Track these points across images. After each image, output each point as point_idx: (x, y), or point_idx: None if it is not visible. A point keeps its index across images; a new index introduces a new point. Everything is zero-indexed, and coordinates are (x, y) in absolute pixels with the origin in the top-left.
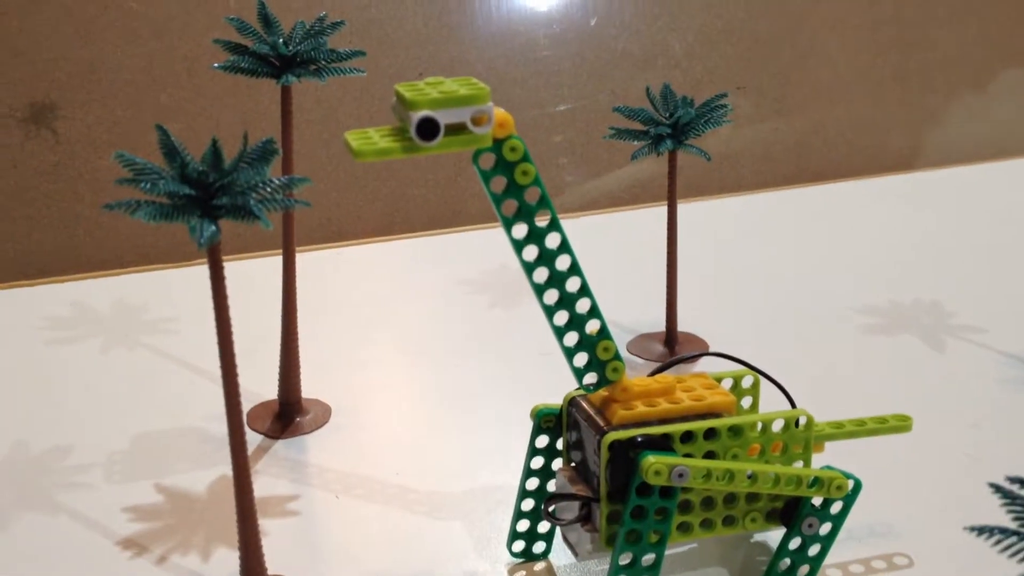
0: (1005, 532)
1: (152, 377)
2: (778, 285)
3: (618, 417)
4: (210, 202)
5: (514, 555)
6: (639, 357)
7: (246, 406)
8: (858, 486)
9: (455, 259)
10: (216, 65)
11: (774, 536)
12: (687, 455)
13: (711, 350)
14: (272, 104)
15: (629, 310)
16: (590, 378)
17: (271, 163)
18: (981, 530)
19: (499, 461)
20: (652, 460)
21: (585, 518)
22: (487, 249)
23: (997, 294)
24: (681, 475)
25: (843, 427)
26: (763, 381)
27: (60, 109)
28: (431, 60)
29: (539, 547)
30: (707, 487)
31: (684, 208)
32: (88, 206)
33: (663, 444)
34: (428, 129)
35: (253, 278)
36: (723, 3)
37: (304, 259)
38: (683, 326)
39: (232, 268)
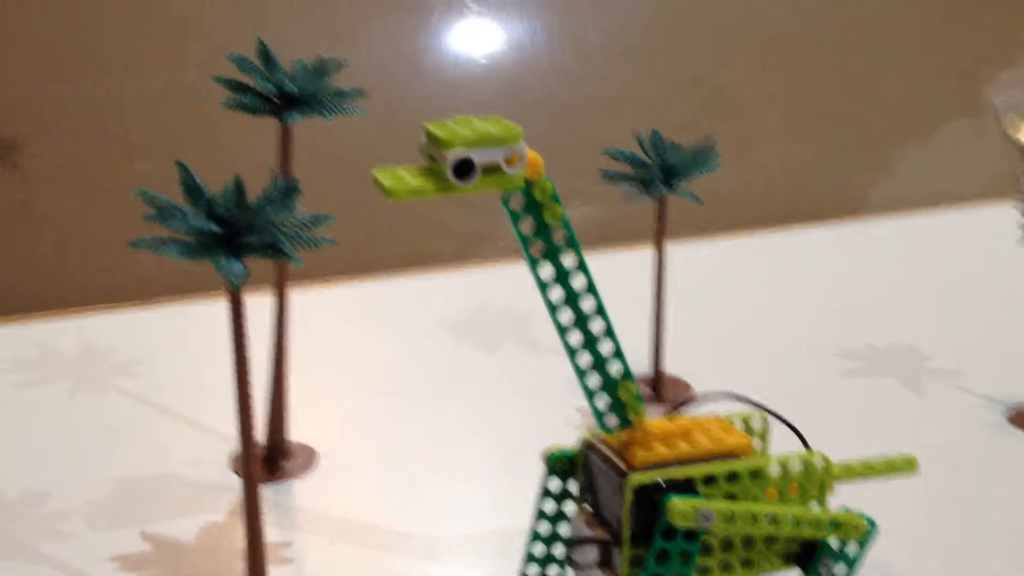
0: None
1: (126, 421)
2: (754, 329)
3: (639, 459)
4: (235, 240)
5: None
6: None
7: (228, 450)
8: (874, 527)
9: (432, 300)
10: (219, 103)
11: None
12: (708, 497)
13: (726, 391)
14: (247, 143)
15: None
16: (611, 420)
17: (294, 200)
18: None
19: (493, 505)
20: (679, 503)
21: (605, 562)
22: (464, 290)
23: (968, 338)
24: (707, 518)
25: (853, 469)
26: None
27: (28, 146)
28: (400, 101)
29: None
30: (731, 530)
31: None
32: (52, 245)
33: (686, 486)
34: (465, 169)
35: (224, 315)
36: (692, 52)
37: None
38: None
39: (209, 308)
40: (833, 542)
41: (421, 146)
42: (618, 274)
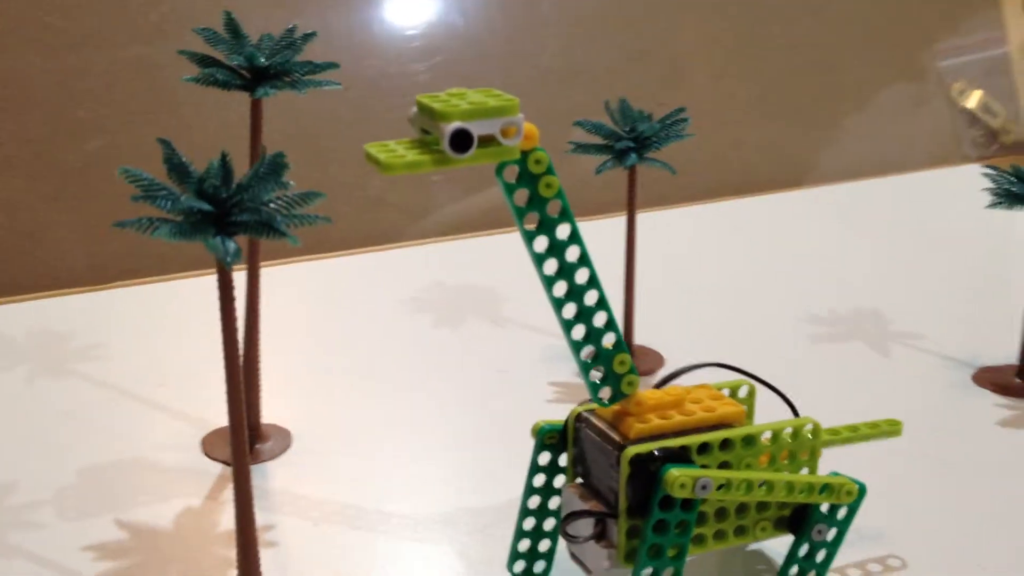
0: None
1: (89, 407)
2: (719, 297)
3: (635, 431)
4: (225, 219)
5: (515, 575)
6: (597, 370)
7: (199, 433)
8: (863, 490)
9: (383, 278)
10: (187, 77)
11: (767, 544)
12: (703, 466)
13: (712, 361)
14: (196, 118)
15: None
16: (605, 392)
17: (283, 177)
18: None
19: (474, 482)
20: (677, 473)
21: (600, 535)
22: (413, 267)
23: (929, 302)
24: (704, 487)
25: (839, 433)
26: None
27: None
28: (355, 77)
29: (539, 566)
30: (726, 498)
31: (610, 223)
32: (1, 228)
33: (682, 456)
34: (462, 141)
35: (183, 296)
36: (643, 23)
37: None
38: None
39: (162, 289)
40: (823, 506)
41: (411, 118)
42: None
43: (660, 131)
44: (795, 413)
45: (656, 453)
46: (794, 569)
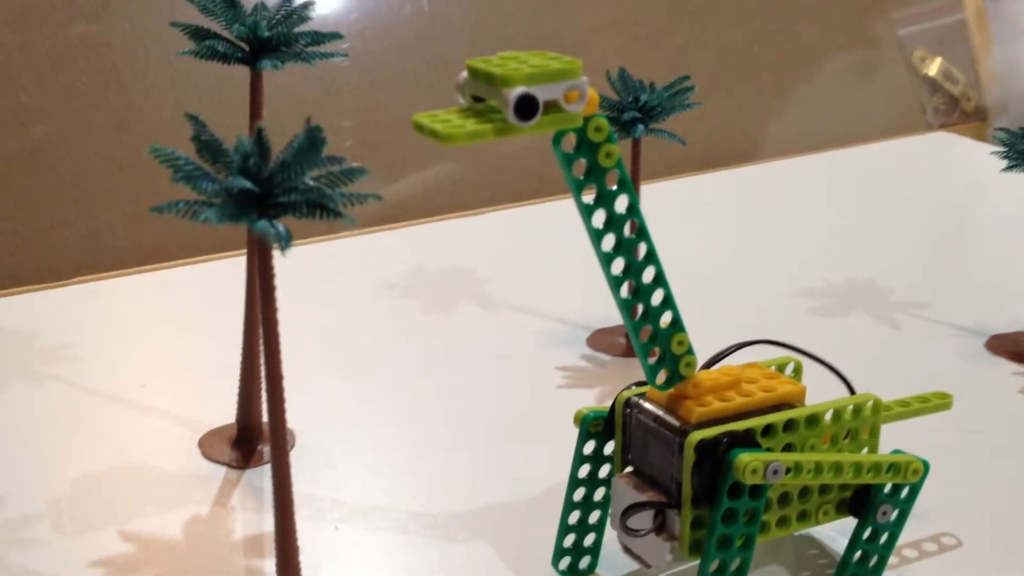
0: None
1: (73, 411)
2: (706, 275)
3: (696, 415)
4: (269, 200)
5: (561, 572)
6: (605, 353)
7: (193, 435)
8: (927, 468)
9: (364, 263)
10: (185, 51)
11: (816, 529)
12: (768, 450)
13: (762, 339)
14: (148, 102)
15: (567, 305)
16: (662, 376)
17: (321, 153)
18: None
19: (496, 476)
20: (748, 458)
21: (660, 527)
22: (388, 252)
23: (921, 270)
24: (775, 472)
25: (891, 409)
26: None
27: None
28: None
29: (585, 562)
30: (794, 482)
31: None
32: None
33: (747, 440)
34: (527, 107)
35: (143, 291)
36: None
37: (195, 271)
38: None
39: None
40: (886, 487)
41: (460, 84)
42: (562, 223)
43: (665, 100)
44: (851, 390)
45: (724, 438)
46: (858, 553)
